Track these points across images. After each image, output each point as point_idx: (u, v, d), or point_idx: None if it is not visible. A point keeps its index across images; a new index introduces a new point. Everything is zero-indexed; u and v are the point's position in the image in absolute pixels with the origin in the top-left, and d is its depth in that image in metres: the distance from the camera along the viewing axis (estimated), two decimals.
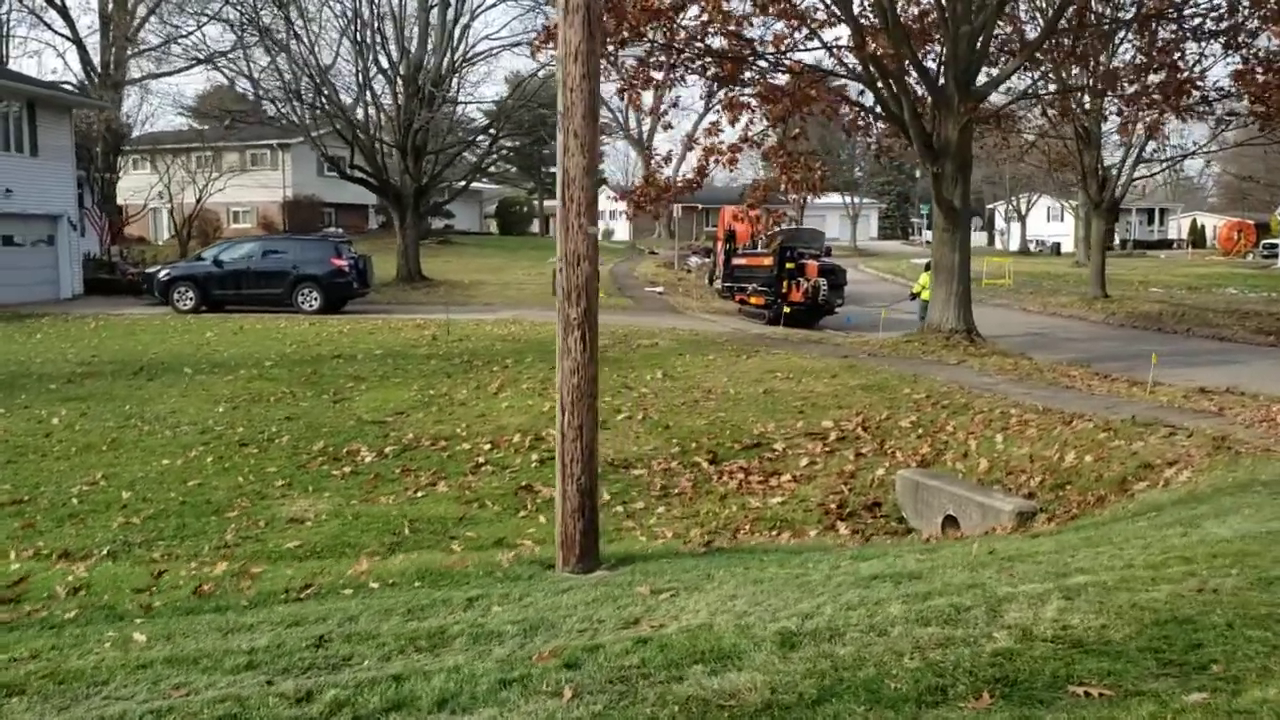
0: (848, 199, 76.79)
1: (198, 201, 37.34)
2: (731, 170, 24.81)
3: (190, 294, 24.36)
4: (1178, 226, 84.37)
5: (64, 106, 29.05)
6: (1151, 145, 29.61)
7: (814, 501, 10.38)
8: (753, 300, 26.98)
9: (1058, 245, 74.86)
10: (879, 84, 17.04)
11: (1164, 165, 32.62)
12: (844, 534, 9.40)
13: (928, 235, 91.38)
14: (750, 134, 17.79)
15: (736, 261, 29.61)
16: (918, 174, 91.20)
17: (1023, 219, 77.95)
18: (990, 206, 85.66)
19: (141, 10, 45.78)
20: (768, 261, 25.96)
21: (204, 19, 36.42)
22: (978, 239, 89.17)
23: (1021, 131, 24.05)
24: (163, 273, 25.25)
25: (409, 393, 14.28)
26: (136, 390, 14.35)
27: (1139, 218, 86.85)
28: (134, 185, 44.10)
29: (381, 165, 30.60)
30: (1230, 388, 13.61)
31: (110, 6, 45.02)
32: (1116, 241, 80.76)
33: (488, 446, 11.75)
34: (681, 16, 15.74)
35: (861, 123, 19.65)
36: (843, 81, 18.44)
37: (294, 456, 11.31)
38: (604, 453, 11.83)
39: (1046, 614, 4.78)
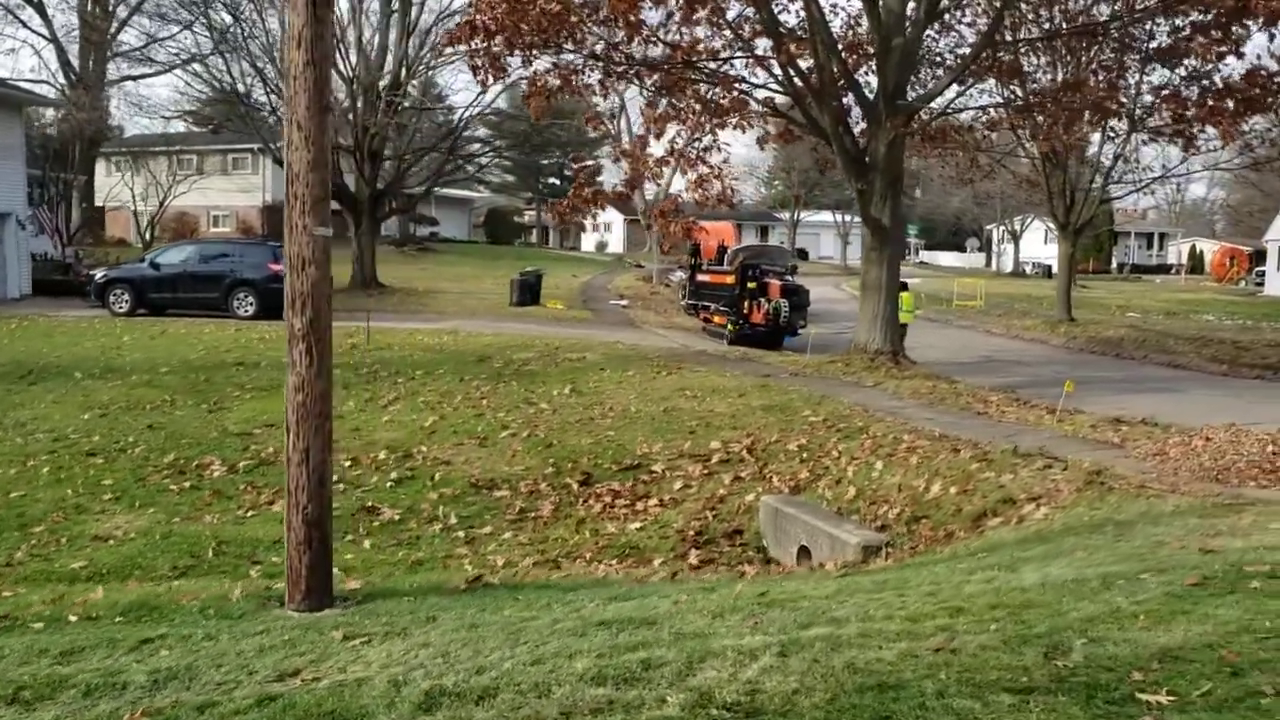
0: (840, 217, 76.13)
1: (162, 204, 36.93)
2: (657, 184, 24.16)
3: (126, 297, 23.86)
4: (1177, 252, 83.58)
5: (15, 104, 28.63)
6: (1121, 166, 29.07)
7: (674, 528, 9.80)
8: (715, 319, 26.22)
9: (1049, 267, 74.15)
10: (808, 98, 16.50)
11: (1136, 187, 32.04)
12: (692, 563, 8.84)
13: (924, 256, 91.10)
14: (677, 146, 17.26)
15: (700, 278, 28.77)
16: (918, 193, 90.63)
17: (1016, 240, 77.25)
18: (988, 228, 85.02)
19: (121, 11, 45.62)
20: (730, 280, 25.20)
21: (177, 26, 36.08)
22: (976, 259, 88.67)
23: (981, 148, 23.42)
24: (100, 275, 24.79)
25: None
26: (11, 395, 13.84)
27: (1138, 242, 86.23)
28: (117, 187, 43.66)
29: (337, 169, 30.11)
30: (1146, 418, 12.98)
31: (90, 6, 44.79)
32: (1114, 265, 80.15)
33: (347, 463, 11.19)
34: (599, 27, 15.20)
35: (792, 136, 19.09)
36: (770, 94, 17.86)
37: (138, 469, 10.77)
38: (471, 472, 11.30)
39: (744, 674, 4.20)
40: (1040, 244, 79.56)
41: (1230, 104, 15.17)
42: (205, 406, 13.51)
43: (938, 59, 19.84)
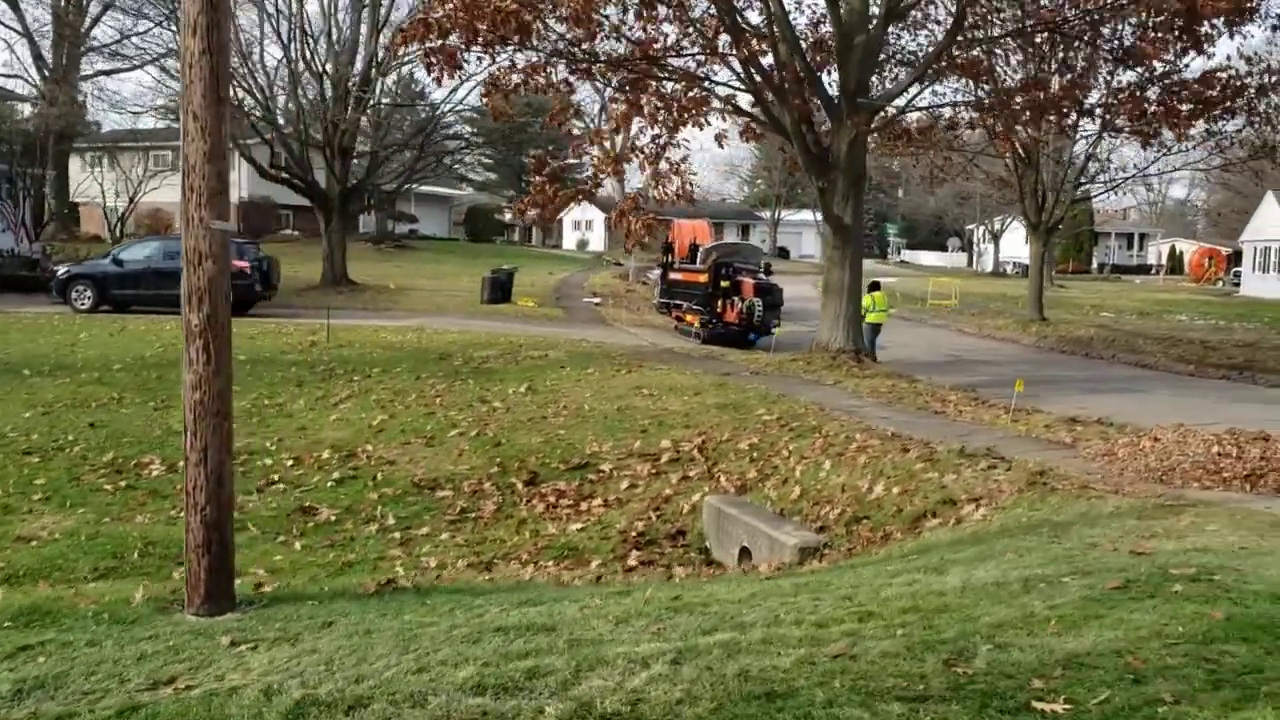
0: (821, 216, 76.05)
1: (132, 200, 36.60)
2: (618, 180, 23.92)
3: (88, 293, 23.59)
4: (1157, 252, 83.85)
5: None
6: (1094, 166, 29.08)
7: (616, 529, 9.65)
8: (687, 318, 26.00)
9: (1026, 267, 74.25)
10: (769, 96, 16.38)
11: (1106, 187, 32.08)
12: (631, 564, 8.69)
13: (905, 255, 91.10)
14: (639, 142, 17.10)
15: (673, 277, 28.47)
16: (900, 193, 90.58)
17: (996, 240, 77.39)
18: (969, 227, 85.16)
19: (94, 8, 45.13)
20: (703, 278, 24.97)
21: (149, 22, 35.70)
22: (958, 259, 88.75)
23: (954, 147, 23.35)
24: (62, 271, 24.50)
25: (240, 402, 13.46)
26: None
27: (1118, 242, 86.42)
28: (86, 183, 43.12)
29: (308, 166, 29.85)
30: (1102, 418, 12.90)
31: (63, 2, 44.30)
32: (1095, 265, 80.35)
33: (289, 462, 11.00)
34: (560, 24, 15.01)
35: (754, 133, 18.98)
36: (732, 91, 17.71)
37: (75, 467, 10.56)
38: (415, 472, 11.13)
39: (632, 683, 4.06)
40: (1020, 244, 79.37)
41: (1186, 106, 15.11)
42: (152, 404, 13.30)
43: (909, 57, 19.76)
